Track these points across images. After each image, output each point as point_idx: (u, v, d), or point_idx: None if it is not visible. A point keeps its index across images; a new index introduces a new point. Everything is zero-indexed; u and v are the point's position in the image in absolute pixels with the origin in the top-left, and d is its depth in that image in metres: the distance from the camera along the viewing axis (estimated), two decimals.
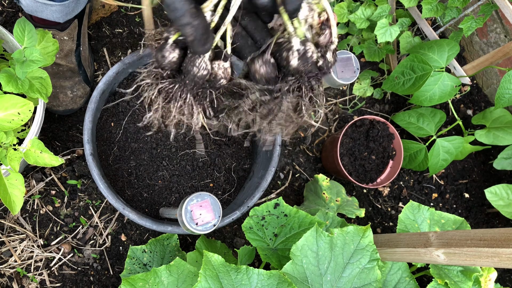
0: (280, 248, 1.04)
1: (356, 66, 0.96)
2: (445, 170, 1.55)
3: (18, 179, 0.94)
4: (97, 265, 1.26)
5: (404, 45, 1.42)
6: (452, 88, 1.29)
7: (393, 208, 1.49)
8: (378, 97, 1.52)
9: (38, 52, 0.92)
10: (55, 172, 1.27)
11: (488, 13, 1.24)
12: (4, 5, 1.32)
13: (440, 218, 1.19)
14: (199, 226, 0.86)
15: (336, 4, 1.45)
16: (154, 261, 1.13)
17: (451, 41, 1.30)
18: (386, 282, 1.09)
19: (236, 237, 1.35)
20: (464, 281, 1.07)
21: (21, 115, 0.89)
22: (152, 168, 1.19)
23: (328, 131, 1.49)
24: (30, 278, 1.21)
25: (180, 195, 1.20)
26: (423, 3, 1.29)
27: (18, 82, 0.92)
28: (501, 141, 1.37)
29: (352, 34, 1.51)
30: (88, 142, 1.04)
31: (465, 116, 1.59)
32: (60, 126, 1.30)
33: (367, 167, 1.38)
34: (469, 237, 0.83)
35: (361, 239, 0.93)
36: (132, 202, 1.18)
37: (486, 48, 1.52)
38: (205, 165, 1.22)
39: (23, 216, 1.24)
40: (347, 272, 0.92)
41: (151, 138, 1.20)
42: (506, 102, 1.20)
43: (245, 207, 1.07)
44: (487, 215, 1.55)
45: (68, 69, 1.23)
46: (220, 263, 0.84)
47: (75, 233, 1.26)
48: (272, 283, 0.84)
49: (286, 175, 1.43)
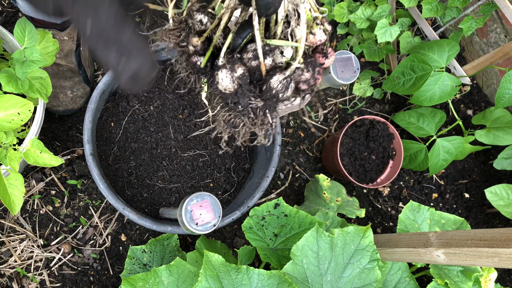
0: (280, 248, 1.04)
1: (356, 66, 0.96)
2: (445, 170, 1.55)
3: (18, 179, 0.94)
4: (97, 265, 1.26)
5: (404, 45, 1.42)
6: (452, 88, 1.29)
7: (393, 208, 1.49)
8: (378, 97, 1.52)
9: (38, 52, 0.92)
10: (55, 172, 1.27)
11: (488, 13, 1.24)
12: (4, 5, 1.32)
13: (440, 218, 1.19)
14: (199, 226, 0.86)
15: (336, 4, 1.45)
16: (154, 261, 1.13)
17: (451, 41, 1.30)
18: (386, 282, 1.09)
19: (236, 237, 1.35)
20: (464, 281, 1.07)
21: (21, 115, 0.89)
22: (152, 168, 1.19)
23: (328, 131, 1.49)
24: (30, 278, 1.21)
25: (180, 195, 1.20)
26: (423, 3, 1.29)
27: (18, 82, 0.92)
28: (501, 141, 1.37)
29: (352, 34, 1.51)
30: (88, 142, 1.04)
31: (465, 116, 1.59)
32: (60, 126, 1.30)
33: (367, 167, 1.38)
34: (469, 237, 0.83)
35: (361, 239, 0.93)
36: (132, 202, 1.17)
37: (486, 48, 1.52)
38: (205, 165, 1.22)
39: (23, 216, 1.24)
40: (347, 272, 0.92)
41: (151, 138, 1.20)
42: (506, 102, 1.20)
43: (245, 207, 1.07)
44: (487, 215, 1.55)
45: (68, 69, 1.22)
46: (221, 263, 0.84)
47: (75, 233, 1.26)
48: (273, 283, 0.84)
49: (286, 175, 1.43)
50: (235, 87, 0.56)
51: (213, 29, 0.58)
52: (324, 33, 0.58)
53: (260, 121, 0.61)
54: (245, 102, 0.57)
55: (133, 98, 1.19)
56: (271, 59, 0.55)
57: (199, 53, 0.60)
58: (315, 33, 0.58)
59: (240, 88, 0.56)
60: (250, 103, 0.57)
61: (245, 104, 0.57)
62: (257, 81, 0.58)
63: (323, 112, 1.50)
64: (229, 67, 0.55)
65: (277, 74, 0.55)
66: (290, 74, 0.56)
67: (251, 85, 0.57)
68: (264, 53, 0.55)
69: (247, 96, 0.57)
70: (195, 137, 1.22)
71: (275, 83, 0.55)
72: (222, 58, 0.56)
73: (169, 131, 1.21)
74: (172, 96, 1.22)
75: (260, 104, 0.58)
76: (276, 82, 0.55)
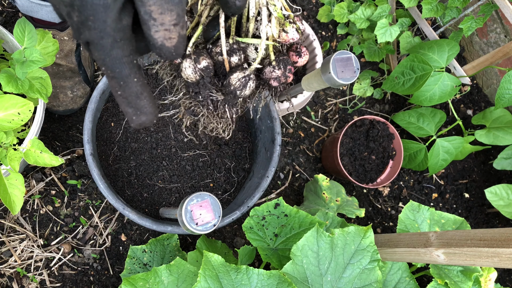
0: (280, 248, 1.04)
1: (356, 66, 0.96)
2: (445, 170, 1.55)
3: (18, 179, 0.94)
4: (97, 265, 1.26)
5: (404, 45, 1.42)
6: (452, 88, 1.29)
7: (393, 208, 1.49)
8: (378, 97, 1.52)
9: (38, 52, 0.92)
10: (55, 172, 1.27)
11: (488, 13, 1.24)
12: (4, 5, 1.32)
13: (440, 218, 1.19)
14: (199, 226, 0.86)
15: (336, 4, 1.45)
16: (154, 261, 1.13)
17: (451, 41, 1.30)
18: (386, 282, 1.09)
19: (237, 237, 1.35)
20: (464, 281, 1.07)
21: (21, 115, 0.89)
22: (152, 168, 1.19)
23: (328, 131, 1.49)
24: (30, 278, 1.21)
25: (180, 195, 1.20)
26: (423, 3, 1.29)
27: (18, 82, 0.92)
28: (501, 141, 1.37)
29: (352, 34, 1.51)
30: (88, 142, 1.04)
31: (465, 116, 1.59)
32: (60, 126, 1.30)
33: (367, 167, 1.38)
34: (469, 237, 0.83)
35: (362, 239, 0.93)
36: (132, 202, 1.17)
37: (486, 48, 1.52)
38: (205, 165, 1.22)
39: (23, 216, 1.24)
40: (347, 272, 0.92)
41: (151, 138, 1.20)
42: (506, 102, 1.20)
43: (245, 207, 1.07)
44: (487, 215, 1.55)
45: (68, 69, 1.22)
46: (220, 263, 0.84)
47: (75, 233, 1.26)
48: (272, 283, 0.84)
49: (286, 175, 1.43)
50: (197, 78, 0.57)
51: (193, 28, 0.59)
52: (297, 32, 0.59)
53: (220, 114, 0.62)
54: (206, 93, 0.59)
55: None
56: (237, 57, 0.57)
57: None
58: (288, 31, 0.59)
59: (202, 79, 0.58)
60: (211, 95, 0.59)
61: (205, 95, 0.59)
62: (223, 75, 0.59)
63: (323, 112, 1.50)
64: (194, 58, 0.56)
65: (238, 71, 0.56)
66: (249, 73, 0.57)
67: (215, 78, 0.59)
68: (231, 50, 0.56)
69: (208, 88, 0.58)
70: (195, 137, 1.22)
71: (234, 80, 0.56)
72: (190, 48, 0.57)
73: (169, 131, 1.21)
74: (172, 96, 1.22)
75: (220, 98, 0.59)
76: (235, 79, 0.56)
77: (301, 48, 0.62)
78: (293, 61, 0.62)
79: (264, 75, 0.59)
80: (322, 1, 1.49)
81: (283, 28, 0.58)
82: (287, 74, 0.60)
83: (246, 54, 0.58)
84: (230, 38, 0.56)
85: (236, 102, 0.61)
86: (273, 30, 0.56)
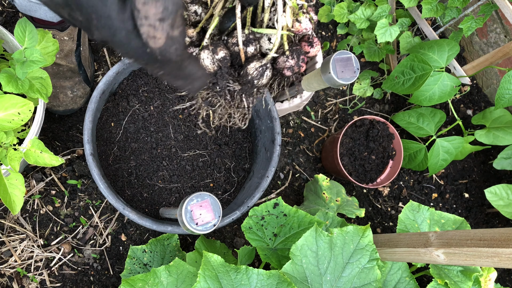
0: (279, 248, 1.04)
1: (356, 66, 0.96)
2: (445, 170, 1.55)
3: (18, 179, 0.94)
4: (97, 265, 1.26)
5: (404, 45, 1.42)
6: (452, 88, 1.29)
7: (393, 208, 1.49)
8: (378, 97, 1.52)
9: (38, 52, 0.92)
10: (55, 172, 1.27)
11: (488, 13, 1.24)
12: (4, 5, 1.32)
13: (440, 218, 1.19)
14: (199, 226, 0.86)
15: (336, 4, 1.45)
16: (155, 261, 1.13)
17: (451, 41, 1.30)
18: (386, 282, 1.09)
19: (236, 237, 1.35)
20: (464, 281, 1.07)
21: (21, 115, 0.89)
22: (152, 168, 1.19)
23: (328, 131, 1.49)
24: (30, 278, 1.21)
25: (180, 195, 1.20)
26: (423, 3, 1.29)
27: (18, 82, 0.92)
28: (501, 141, 1.37)
29: (352, 34, 1.51)
30: (88, 142, 1.04)
31: (465, 116, 1.59)
32: (60, 126, 1.30)
33: (367, 167, 1.38)
34: (469, 237, 0.83)
35: (360, 239, 0.93)
36: (132, 202, 1.18)
37: (486, 48, 1.52)
38: (205, 165, 1.22)
39: (23, 216, 1.24)
40: (346, 272, 0.92)
41: (151, 138, 1.20)
42: (506, 102, 1.20)
43: (245, 207, 1.07)
44: (487, 215, 1.55)
45: (68, 69, 1.23)
46: (220, 263, 0.84)
47: (75, 233, 1.26)
48: (272, 283, 0.84)
49: (286, 175, 1.43)
50: (215, 69, 0.58)
51: (208, 19, 0.59)
52: (310, 22, 0.60)
53: (237, 104, 0.63)
54: (223, 84, 0.59)
55: (133, 98, 1.19)
56: (253, 47, 0.57)
57: (195, 44, 0.61)
58: (301, 21, 0.59)
59: (219, 70, 0.58)
60: (228, 85, 0.59)
61: (223, 85, 0.59)
62: (239, 66, 0.59)
63: (323, 112, 1.50)
64: (212, 49, 0.56)
65: (255, 61, 0.57)
66: (266, 62, 0.57)
67: (232, 69, 0.59)
68: (247, 40, 0.57)
69: (226, 79, 0.59)
70: (195, 137, 1.22)
71: (251, 70, 0.57)
72: (207, 40, 0.57)
73: (169, 131, 1.21)
74: (172, 96, 1.22)
75: (237, 87, 0.60)
76: (252, 68, 0.57)
77: (313, 38, 0.63)
78: (305, 51, 0.63)
79: (277, 64, 0.60)
80: (322, 1, 1.49)
81: (296, 18, 0.59)
82: (300, 64, 0.60)
83: (260, 44, 0.59)
84: (246, 28, 0.57)
85: (253, 92, 0.61)
86: (287, 20, 0.57)
